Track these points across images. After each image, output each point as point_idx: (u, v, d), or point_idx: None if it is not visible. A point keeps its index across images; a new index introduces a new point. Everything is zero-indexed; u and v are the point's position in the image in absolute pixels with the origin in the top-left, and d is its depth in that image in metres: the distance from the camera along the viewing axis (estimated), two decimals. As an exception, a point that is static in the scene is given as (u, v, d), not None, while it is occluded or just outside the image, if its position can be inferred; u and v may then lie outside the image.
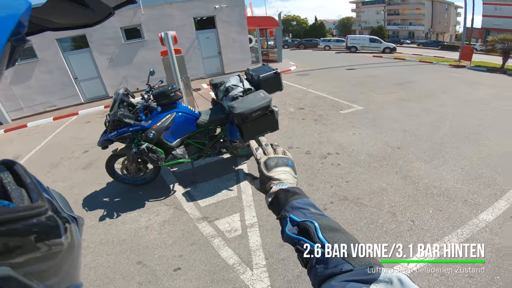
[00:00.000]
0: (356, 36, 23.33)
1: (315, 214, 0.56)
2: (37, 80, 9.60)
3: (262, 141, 0.70)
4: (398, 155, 3.74)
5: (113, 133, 2.92)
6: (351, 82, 8.60)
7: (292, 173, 0.68)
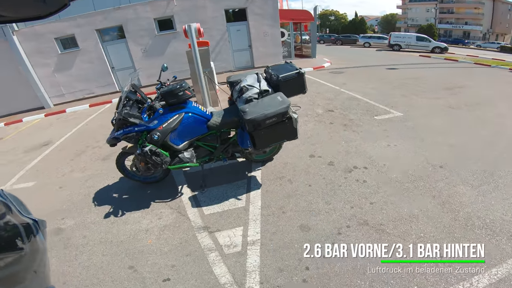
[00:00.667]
0: (400, 34, 21.49)
1: None
2: (78, 68, 10.22)
3: None
4: (440, 176, 3.14)
5: (119, 132, 2.79)
6: (391, 84, 7.77)
7: None
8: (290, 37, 13.19)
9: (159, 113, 2.78)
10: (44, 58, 9.79)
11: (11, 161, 5.34)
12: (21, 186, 4.16)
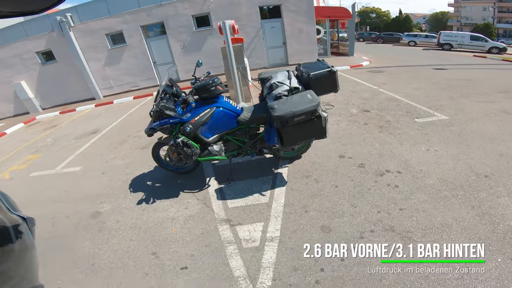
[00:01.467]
0: (452, 32, 19.65)
1: None
2: (125, 63, 11.09)
3: None
4: (483, 186, 2.83)
5: (156, 123, 2.98)
6: (438, 85, 7.13)
7: None
8: (326, 35, 12.80)
9: (191, 107, 2.91)
10: (96, 53, 10.79)
11: (63, 147, 6.00)
12: (69, 170, 4.67)
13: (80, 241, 2.85)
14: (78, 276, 2.40)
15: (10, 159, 5.90)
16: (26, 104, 11.20)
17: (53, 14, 10.27)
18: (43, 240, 2.87)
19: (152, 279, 2.24)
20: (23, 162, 5.51)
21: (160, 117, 2.92)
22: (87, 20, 10.34)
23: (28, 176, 4.73)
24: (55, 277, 2.40)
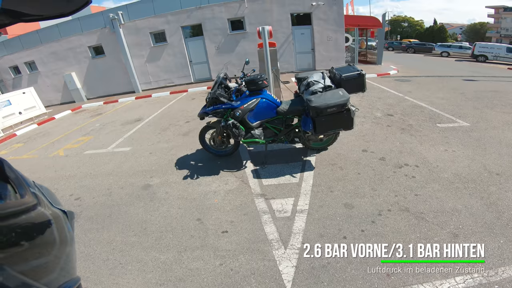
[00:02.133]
0: (488, 44, 18.93)
1: None
2: (164, 60, 12.01)
3: None
4: (493, 181, 3.14)
5: (210, 108, 3.59)
6: (465, 95, 7.26)
7: None
8: (354, 43, 13.06)
9: (245, 94, 3.51)
10: (140, 50, 11.80)
11: (111, 131, 6.81)
12: (120, 150, 5.38)
13: (134, 208, 3.27)
14: (132, 239, 2.75)
15: (63, 139, 6.73)
16: (73, 93, 12.42)
17: (106, 11, 11.42)
18: (102, 206, 3.41)
19: (197, 241, 2.63)
20: (76, 142, 6.30)
21: (214, 103, 3.53)
22: (135, 18, 11.35)
23: (82, 154, 5.45)
24: (112, 239, 2.77)
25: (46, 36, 11.80)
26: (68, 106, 11.69)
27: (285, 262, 2.30)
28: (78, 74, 12.28)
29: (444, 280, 2.00)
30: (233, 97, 3.52)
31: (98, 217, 3.21)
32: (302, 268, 2.23)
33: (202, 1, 11.20)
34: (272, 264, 2.29)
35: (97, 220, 3.17)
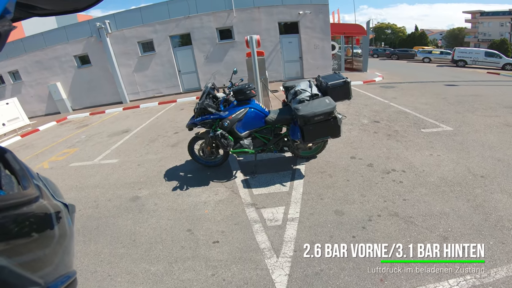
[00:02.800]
0: (466, 49, 19.81)
1: None
2: (152, 70, 11.94)
3: None
4: (478, 184, 3.24)
5: (198, 119, 3.58)
6: (447, 100, 7.53)
7: None
8: (340, 50, 13.38)
9: (233, 105, 3.52)
10: (127, 59, 11.70)
11: (98, 143, 6.67)
12: (107, 162, 5.25)
13: (122, 220, 3.21)
14: (121, 251, 2.70)
15: (47, 152, 6.53)
16: (58, 104, 12.13)
17: (93, 20, 11.31)
18: (88, 218, 3.32)
19: (188, 251, 2.62)
20: (61, 155, 6.13)
21: (203, 113, 3.52)
22: (122, 27, 11.30)
23: (68, 166, 5.30)
24: (100, 251, 2.72)
25: (31, 44, 11.55)
26: (53, 117, 11.41)
27: (278, 271, 2.29)
28: (64, 84, 12.04)
29: (437, 283, 2.02)
30: (221, 107, 3.52)
31: (85, 230, 3.12)
32: (295, 276, 2.22)
33: (191, 10, 11.27)
34: (265, 273, 2.28)
35: (83, 232, 3.07)
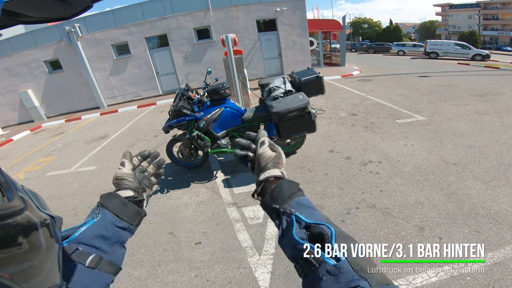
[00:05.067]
0: (437, 41, 20.64)
1: (324, 218, 0.49)
2: (129, 73, 11.60)
3: None
4: (451, 171, 3.39)
5: (173, 121, 3.51)
6: (421, 91, 7.82)
7: None
8: (319, 46, 13.56)
9: (206, 105, 3.47)
10: (102, 63, 11.30)
11: (75, 150, 6.43)
12: (85, 169, 5.09)
13: None
14: None
15: (22, 162, 6.26)
16: (31, 112, 11.56)
17: (62, 24, 10.76)
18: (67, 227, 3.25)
19: (171, 254, 2.62)
20: (36, 164, 5.89)
21: (178, 115, 3.45)
22: (94, 31, 10.86)
23: (44, 176, 5.11)
24: None
25: (-3, 51, 10.91)
26: (27, 126, 10.89)
27: (261, 269, 2.31)
28: (35, 91, 11.46)
29: (416, 274, 2.07)
30: (195, 109, 3.47)
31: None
32: (278, 273, 2.24)
33: (166, 11, 11.02)
34: (248, 272, 2.30)
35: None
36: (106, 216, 0.55)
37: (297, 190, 0.52)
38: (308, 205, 0.50)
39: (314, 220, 0.46)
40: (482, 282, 1.95)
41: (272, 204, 0.51)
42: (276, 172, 0.56)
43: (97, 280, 0.49)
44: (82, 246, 0.50)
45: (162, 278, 2.35)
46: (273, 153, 0.59)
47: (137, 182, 0.63)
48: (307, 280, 0.43)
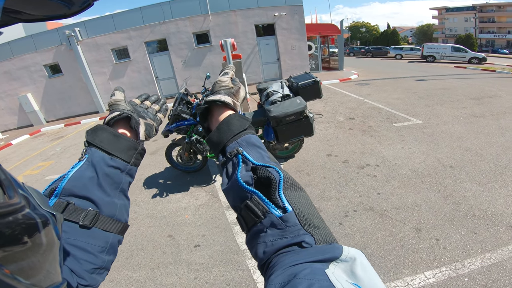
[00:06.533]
0: (434, 45, 20.76)
1: (273, 160, 0.45)
2: (128, 77, 11.65)
3: None
4: (448, 174, 3.43)
5: (173, 125, 3.54)
6: (418, 94, 7.90)
7: None
8: (317, 50, 13.67)
9: None
10: (101, 67, 11.35)
11: (74, 154, 6.45)
12: (84, 173, 5.11)
13: None
14: None
15: (21, 166, 6.27)
16: (31, 116, 11.57)
17: (62, 28, 10.85)
18: None
19: (170, 256, 2.63)
20: (36, 168, 5.90)
21: (177, 120, 3.49)
22: (94, 35, 10.93)
23: (43, 180, 5.11)
24: None
25: (-3, 54, 10.95)
26: (26, 130, 10.90)
27: (259, 271, 2.32)
28: (35, 95, 11.48)
29: (414, 276, 2.08)
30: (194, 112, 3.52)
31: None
32: (276, 276, 2.26)
33: (166, 16, 11.10)
34: (246, 274, 2.31)
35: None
36: (94, 155, 0.47)
37: (247, 127, 0.47)
38: (258, 144, 0.45)
39: (262, 162, 0.41)
40: (480, 283, 1.97)
41: (218, 140, 0.46)
42: (227, 98, 0.50)
43: (96, 241, 0.43)
44: (74, 200, 0.43)
45: (161, 281, 2.36)
46: (231, 84, 0.54)
47: (131, 107, 0.55)
48: (249, 235, 0.39)
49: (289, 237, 0.35)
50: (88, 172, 0.46)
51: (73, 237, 0.41)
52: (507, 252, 2.21)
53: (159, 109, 0.63)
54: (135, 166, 0.52)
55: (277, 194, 0.37)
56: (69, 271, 0.39)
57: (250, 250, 0.40)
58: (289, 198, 0.37)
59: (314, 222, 0.36)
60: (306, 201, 0.38)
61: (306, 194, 0.40)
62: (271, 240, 0.36)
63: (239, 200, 0.40)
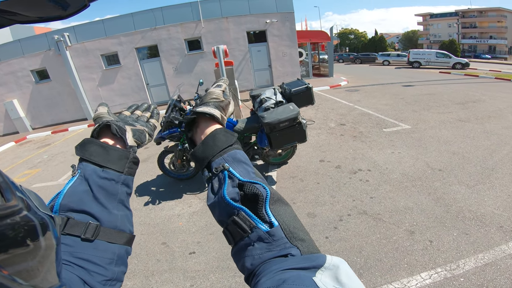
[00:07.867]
0: (420, 51, 21.46)
1: (259, 177, 0.46)
2: (118, 83, 11.50)
3: None
4: (437, 177, 3.52)
5: (165, 132, 3.51)
6: (405, 100, 8.12)
7: None
8: (308, 57, 13.89)
9: None
10: (90, 73, 11.15)
11: (61, 162, 6.28)
12: (73, 181, 4.98)
13: None
14: None
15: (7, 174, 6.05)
16: (16, 123, 11.24)
17: (51, 33, 10.64)
18: None
19: (164, 264, 2.59)
20: (22, 176, 5.73)
21: (170, 127, 3.46)
22: (83, 40, 10.76)
23: (30, 188, 4.86)
24: None
25: (-17, 59, 10.63)
26: (12, 137, 10.58)
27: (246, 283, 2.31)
28: (21, 101, 11.18)
29: (411, 277, 2.11)
30: None
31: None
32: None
33: (157, 22, 11.07)
34: (243, 280, 2.27)
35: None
36: (86, 169, 0.47)
37: (233, 143, 0.47)
38: (244, 160, 0.45)
39: (248, 179, 0.42)
40: (476, 282, 2.01)
41: (203, 155, 0.46)
42: (216, 112, 0.50)
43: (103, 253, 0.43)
44: (73, 214, 0.44)
45: (156, 289, 2.31)
46: (222, 97, 0.54)
47: (115, 118, 0.56)
48: (236, 248, 0.40)
49: (275, 250, 0.36)
50: (82, 186, 0.46)
51: (79, 251, 0.41)
52: (500, 252, 2.27)
53: (150, 116, 0.64)
54: (130, 176, 0.52)
55: (264, 210, 0.38)
56: (82, 282, 0.39)
57: (236, 262, 0.41)
58: (275, 213, 0.38)
59: (300, 235, 0.37)
60: (292, 215, 0.40)
61: (291, 209, 0.41)
62: (258, 253, 0.37)
63: (226, 215, 0.40)
